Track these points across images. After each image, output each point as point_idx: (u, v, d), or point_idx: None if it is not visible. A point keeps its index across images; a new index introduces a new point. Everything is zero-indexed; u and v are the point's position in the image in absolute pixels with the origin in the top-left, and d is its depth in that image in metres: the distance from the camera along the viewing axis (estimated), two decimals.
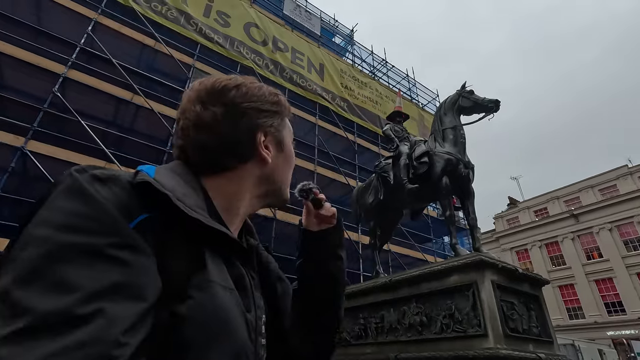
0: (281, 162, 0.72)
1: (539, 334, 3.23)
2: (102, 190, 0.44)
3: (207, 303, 0.47)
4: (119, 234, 0.42)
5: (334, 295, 0.79)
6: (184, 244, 0.49)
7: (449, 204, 4.23)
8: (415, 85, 18.84)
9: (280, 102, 0.72)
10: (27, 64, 7.73)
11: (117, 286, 0.38)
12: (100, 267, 0.38)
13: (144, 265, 0.43)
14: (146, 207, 0.46)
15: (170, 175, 0.56)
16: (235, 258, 0.59)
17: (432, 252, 14.19)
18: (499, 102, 4.47)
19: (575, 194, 27.00)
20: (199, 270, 0.49)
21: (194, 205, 0.52)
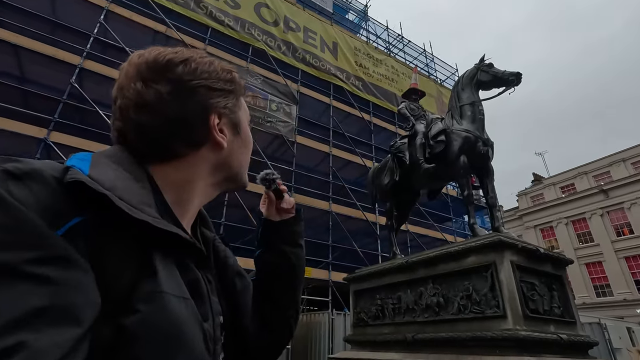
0: (238, 146, 0.65)
1: (561, 314, 3.14)
2: (17, 190, 0.36)
3: (156, 317, 0.40)
4: (42, 246, 0.34)
5: (294, 284, 0.79)
6: (128, 249, 0.42)
7: (467, 183, 4.09)
8: (433, 60, 18.17)
9: (234, 79, 0.64)
10: (44, 57, 7.90)
11: (40, 311, 0.31)
12: (18, 290, 0.31)
13: (76, 280, 0.35)
14: (78, 207, 0.39)
15: (110, 166, 0.48)
16: (190, 260, 0.52)
17: (452, 231, 14.01)
18: (520, 75, 4.23)
19: (605, 169, 25.77)
20: (147, 278, 0.42)
21: (139, 203, 0.45)
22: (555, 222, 26.45)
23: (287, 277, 0.78)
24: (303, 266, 0.82)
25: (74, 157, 0.47)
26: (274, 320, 0.75)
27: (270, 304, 0.75)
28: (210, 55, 0.64)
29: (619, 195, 23.65)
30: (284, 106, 11.08)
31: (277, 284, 0.77)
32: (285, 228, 0.79)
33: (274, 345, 0.76)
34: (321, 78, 12.98)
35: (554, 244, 25.68)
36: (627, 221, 23.16)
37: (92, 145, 7.65)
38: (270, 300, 0.75)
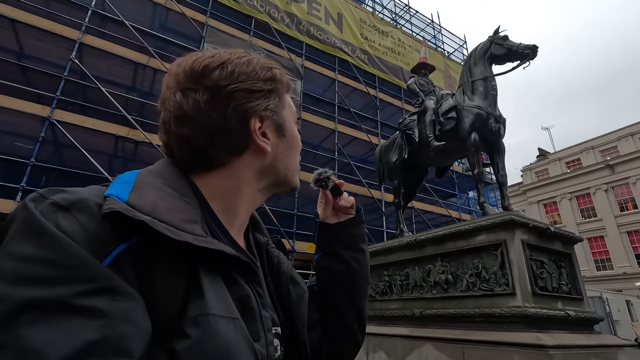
0: (283, 149, 0.61)
1: (569, 291, 3.18)
2: (64, 222, 0.36)
3: (205, 342, 0.39)
4: (90, 278, 0.34)
5: (356, 292, 0.73)
6: (176, 269, 0.42)
7: (477, 161, 4.04)
8: (440, 32, 17.54)
9: (275, 76, 0.60)
10: (43, 31, 7.69)
11: (93, 346, 0.31)
12: (69, 325, 0.31)
13: (126, 310, 0.35)
14: (122, 235, 0.39)
15: (153, 185, 0.47)
16: (238, 274, 0.50)
17: (457, 207, 14.05)
18: (536, 48, 4.08)
19: (613, 143, 25.42)
20: (195, 299, 0.41)
21: (182, 222, 0.44)
22: (559, 197, 26.44)
23: (348, 284, 0.72)
24: (366, 273, 0.76)
25: (118, 179, 0.47)
26: (336, 331, 0.70)
27: (331, 313, 0.71)
28: (217, 30, 0.60)
29: (625, 170, 23.45)
30: None
31: (338, 292, 0.71)
32: (344, 231, 0.74)
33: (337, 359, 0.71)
34: (326, 52, 12.63)
35: (556, 219, 25.80)
36: (631, 196, 23.09)
37: (97, 123, 7.59)
38: (331, 309, 0.71)
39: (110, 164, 9.00)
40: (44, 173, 7.50)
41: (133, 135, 7.95)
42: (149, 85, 9.61)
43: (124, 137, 7.90)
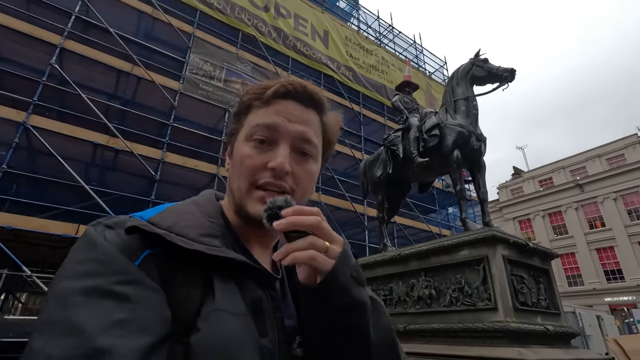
0: (231, 169, 0.63)
1: (547, 306, 3.27)
2: (109, 235, 0.48)
3: (210, 335, 0.45)
4: (123, 272, 0.44)
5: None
6: (193, 274, 0.50)
7: (459, 177, 4.16)
8: (422, 52, 18.18)
9: (243, 97, 0.64)
10: (23, 35, 7.47)
11: (121, 323, 0.40)
12: (104, 306, 0.41)
13: (149, 298, 0.44)
14: (148, 244, 0.49)
15: (181, 209, 0.57)
16: (250, 279, 0.55)
17: (437, 223, 14.30)
18: (514, 72, 4.28)
19: (582, 164, 26.76)
20: (209, 299, 0.48)
21: (199, 235, 0.52)
22: (533, 214, 27.40)
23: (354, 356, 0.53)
24: (381, 334, 0.57)
25: (156, 207, 0.57)
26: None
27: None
28: (204, 42, 0.65)
29: (594, 189, 24.64)
30: None
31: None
32: (328, 292, 0.51)
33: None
34: (311, 67, 12.83)
35: (530, 236, 26.65)
36: (599, 214, 24.21)
37: (75, 129, 7.36)
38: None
39: (87, 173, 8.69)
40: (15, 180, 7.16)
41: (113, 143, 7.74)
42: (132, 93, 9.44)
43: (103, 145, 7.67)
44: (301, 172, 0.60)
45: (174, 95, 9.10)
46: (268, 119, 0.59)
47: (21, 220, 6.35)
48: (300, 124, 0.60)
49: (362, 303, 0.52)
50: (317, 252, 0.50)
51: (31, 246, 7.62)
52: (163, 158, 8.29)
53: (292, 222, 0.50)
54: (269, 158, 0.58)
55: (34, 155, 7.78)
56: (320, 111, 0.65)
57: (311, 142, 0.61)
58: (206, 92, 9.68)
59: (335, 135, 0.68)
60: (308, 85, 0.63)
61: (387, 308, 2.69)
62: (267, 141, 0.59)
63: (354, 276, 0.53)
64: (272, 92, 0.60)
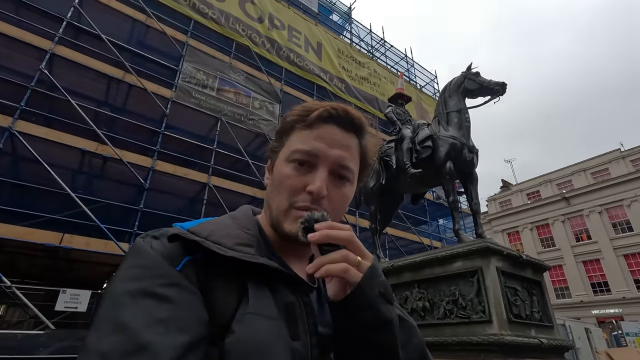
0: (270, 186, 0.66)
1: (541, 318, 3.26)
2: (155, 244, 0.53)
3: (244, 336, 0.48)
4: (165, 276, 0.48)
5: None
6: (230, 279, 0.53)
7: (452, 189, 4.17)
8: (413, 65, 18.52)
9: (285, 118, 0.68)
10: (12, 39, 7.35)
11: (162, 321, 0.43)
12: (147, 306, 0.44)
13: (187, 300, 0.47)
14: (189, 251, 0.52)
15: (219, 221, 0.61)
16: (284, 286, 0.57)
17: (428, 234, 14.34)
18: (505, 85, 4.36)
19: (568, 177, 27.33)
20: (243, 304, 0.51)
21: (235, 244, 0.55)
22: (521, 227, 27.74)
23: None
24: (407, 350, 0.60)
25: (197, 220, 0.62)
26: None
27: None
28: (197, 50, 0.66)
29: (580, 202, 25.13)
30: (267, 104, 10.93)
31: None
32: (356, 306, 0.53)
33: None
34: (305, 78, 12.92)
35: (519, 248, 26.90)
36: (585, 227, 24.64)
37: (62, 136, 7.21)
38: None
39: (74, 180, 8.49)
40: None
41: (102, 150, 7.60)
42: (123, 100, 9.33)
43: (91, 152, 7.52)
44: (337, 195, 0.63)
45: (165, 103, 9.02)
46: (309, 144, 0.63)
47: (3, 229, 6.14)
48: (340, 149, 0.63)
49: (389, 320, 0.54)
50: (349, 265, 0.53)
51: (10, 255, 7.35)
52: (153, 166, 8.16)
53: (326, 235, 0.53)
54: (308, 181, 0.61)
55: (18, 162, 7.58)
56: (360, 135, 0.68)
57: (348, 168, 0.64)
58: (199, 100, 9.63)
59: (372, 158, 0.72)
60: (350, 110, 0.66)
61: None
62: (307, 163, 0.62)
63: (382, 292, 0.54)
64: (316, 116, 0.63)
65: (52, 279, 8.96)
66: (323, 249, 0.53)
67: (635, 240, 22.00)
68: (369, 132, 0.69)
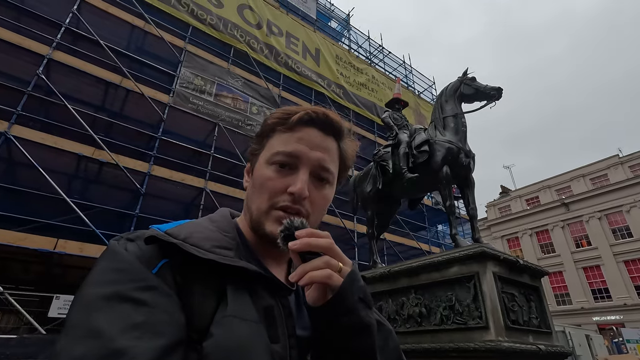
0: (251, 188, 0.66)
1: (539, 325, 3.21)
2: (130, 246, 0.52)
3: (223, 339, 0.47)
4: (141, 279, 0.47)
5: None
6: (208, 282, 0.52)
7: (449, 193, 4.14)
8: (411, 72, 18.61)
9: (266, 121, 0.68)
10: (9, 44, 7.36)
11: (138, 326, 0.42)
12: (122, 310, 0.43)
13: (164, 304, 0.47)
14: (166, 254, 0.52)
15: (198, 223, 0.60)
16: (262, 288, 0.57)
17: (426, 240, 14.27)
18: (501, 90, 4.36)
19: (567, 183, 27.33)
20: (222, 308, 0.50)
21: (213, 246, 0.55)
22: (520, 232, 27.68)
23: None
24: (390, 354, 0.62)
25: (174, 222, 0.60)
26: None
27: None
28: (195, 56, 0.65)
29: (579, 208, 25.11)
30: (264, 110, 10.94)
31: None
32: (337, 311, 0.53)
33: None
34: (303, 83, 12.95)
35: (518, 254, 26.80)
36: (585, 233, 24.58)
37: (59, 141, 7.18)
38: None
39: (70, 185, 8.45)
40: None
41: (99, 155, 7.57)
42: (120, 105, 9.33)
43: (87, 157, 7.49)
44: (317, 197, 0.64)
45: (163, 108, 9.02)
46: (291, 146, 0.63)
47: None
48: (320, 151, 0.64)
49: (368, 325, 0.54)
50: (332, 271, 0.53)
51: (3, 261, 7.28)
52: (150, 171, 8.13)
53: (307, 243, 0.53)
54: (289, 182, 0.61)
55: (13, 166, 7.54)
56: (339, 138, 0.69)
57: (329, 170, 0.65)
58: (196, 105, 9.63)
59: (351, 162, 0.72)
60: (330, 113, 0.67)
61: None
62: (288, 165, 0.63)
63: (362, 297, 0.55)
64: (297, 119, 0.64)
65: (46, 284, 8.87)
66: (305, 257, 0.53)
67: (636, 246, 21.93)
68: (348, 136, 0.71)
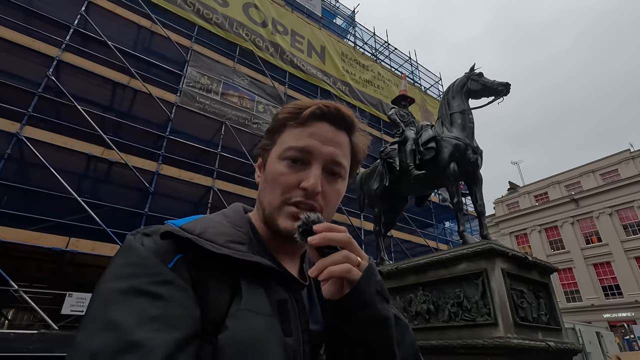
0: (263, 183, 0.66)
1: (548, 321, 3.19)
2: (146, 241, 0.52)
3: (238, 332, 0.48)
4: (157, 273, 0.48)
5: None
6: (223, 277, 0.53)
7: (456, 190, 4.12)
8: (417, 68, 18.48)
9: (276, 116, 0.67)
10: (20, 47, 7.48)
11: (154, 319, 0.43)
12: (139, 304, 0.44)
13: (181, 297, 0.47)
14: (181, 249, 0.52)
15: (211, 219, 0.61)
16: (276, 282, 0.57)
17: (434, 237, 14.21)
18: (509, 85, 4.32)
19: (576, 179, 26.95)
20: (237, 302, 0.51)
21: (227, 241, 0.55)
22: (529, 229, 27.39)
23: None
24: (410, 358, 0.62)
25: (189, 217, 0.61)
26: None
27: None
28: (201, 55, 0.66)
29: (589, 204, 24.75)
30: (271, 108, 10.97)
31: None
32: (354, 304, 0.54)
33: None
34: (308, 81, 12.95)
35: (527, 251, 26.52)
36: (595, 230, 24.24)
37: (69, 141, 7.29)
38: None
39: (80, 185, 8.58)
40: (5, 192, 7.03)
41: (108, 155, 7.67)
42: (128, 105, 9.43)
43: (97, 156, 7.60)
44: (330, 192, 0.64)
45: (170, 108, 9.10)
46: (303, 141, 0.62)
47: (9, 233, 6.20)
48: (333, 145, 0.64)
49: (386, 318, 0.55)
50: (351, 265, 0.54)
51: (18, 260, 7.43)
52: (158, 170, 8.22)
53: (327, 238, 0.54)
54: (301, 177, 0.61)
55: (25, 167, 7.68)
56: (350, 132, 0.68)
57: (341, 164, 0.65)
58: (203, 105, 9.70)
59: (362, 155, 0.72)
60: (342, 107, 0.66)
61: None
62: (301, 160, 0.62)
63: (379, 291, 0.56)
64: (309, 114, 0.63)
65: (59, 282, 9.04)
66: (324, 251, 0.54)
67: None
68: (359, 130, 0.70)
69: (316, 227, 0.54)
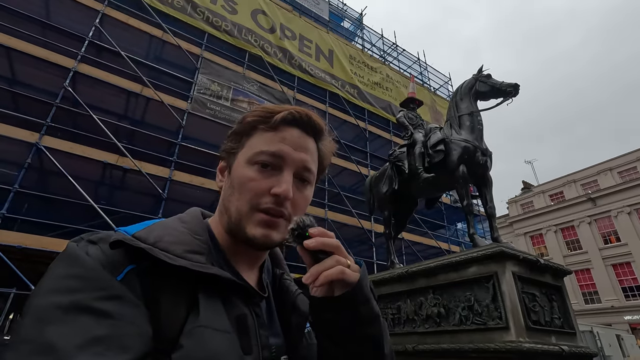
0: (228, 189, 0.63)
1: (562, 325, 3.15)
2: (91, 250, 0.47)
3: (193, 351, 0.45)
4: (104, 287, 0.43)
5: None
6: (178, 290, 0.49)
7: (466, 193, 4.11)
8: (426, 69, 18.38)
9: (244, 119, 0.65)
10: (38, 59, 7.76)
11: (98, 340, 0.39)
12: (82, 323, 0.40)
13: (131, 315, 0.43)
14: (132, 259, 0.48)
15: (167, 225, 0.57)
16: (235, 296, 0.55)
17: (446, 239, 14.07)
18: (518, 86, 4.29)
19: (593, 177, 26.30)
20: (193, 317, 0.48)
21: (184, 251, 0.52)
22: (544, 229, 26.82)
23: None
24: (384, 345, 0.61)
25: (141, 223, 0.57)
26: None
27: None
28: (212, 63, 0.66)
29: (606, 203, 24.12)
30: None
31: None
32: (355, 301, 0.55)
33: None
34: (317, 85, 13.02)
35: (543, 252, 26.00)
36: (613, 229, 23.60)
37: (86, 150, 7.51)
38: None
39: (96, 192, 8.82)
40: (26, 200, 7.28)
41: (122, 162, 7.88)
42: (141, 113, 9.66)
43: (112, 164, 7.81)
44: (299, 198, 0.62)
45: (182, 115, 9.28)
46: (275, 146, 0.60)
47: (30, 239, 6.42)
48: (304, 152, 0.63)
49: (378, 314, 0.58)
50: (344, 267, 0.54)
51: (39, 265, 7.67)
52: (171, 176, 8.39)
53: (322, 242, 0.53)
54: (272, 183, 0.59)
55: (45, 175, 7.93)
56: (318, 139, 0.68)
57: (311, 170, 0.64)
58: (213, 111, 9.86)
59: (328, 162, 0.71)
60: (312, 114, 0.66)
61: (395, 327, 2.58)
62: (271, 166, 0.60)
63: (371, 288, 0.59)
64: (281, 118, 0.61)
65: None
66: (317, 256, 0.54)
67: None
68: (327, 137, 0.70)
69: (312, 231, 0.54)
